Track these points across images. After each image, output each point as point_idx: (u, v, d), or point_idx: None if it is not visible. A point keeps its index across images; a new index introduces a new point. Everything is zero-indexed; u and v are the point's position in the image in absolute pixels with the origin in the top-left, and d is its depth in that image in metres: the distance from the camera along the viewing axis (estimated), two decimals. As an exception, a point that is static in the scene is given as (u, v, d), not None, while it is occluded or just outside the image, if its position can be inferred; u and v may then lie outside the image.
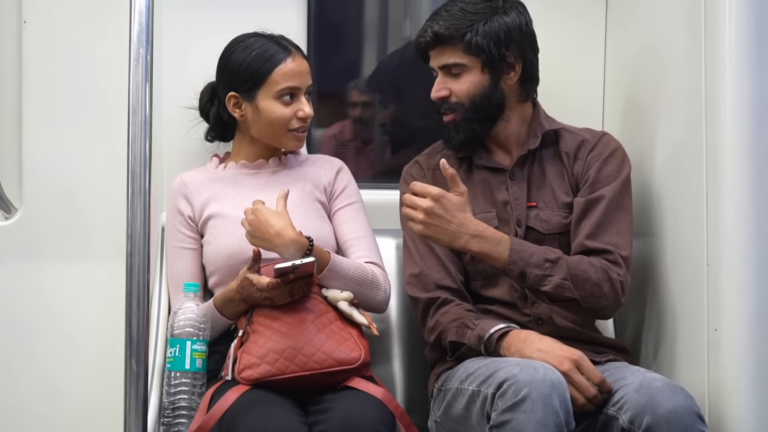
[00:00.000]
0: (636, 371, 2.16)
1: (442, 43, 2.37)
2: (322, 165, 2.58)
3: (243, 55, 2.45)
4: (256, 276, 2.23)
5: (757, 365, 2.10)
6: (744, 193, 2.11)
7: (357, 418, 2.08)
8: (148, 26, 2.04)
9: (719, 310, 2.13)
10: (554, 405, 1.96)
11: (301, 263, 2.16)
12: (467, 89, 2.37)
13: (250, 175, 2.53)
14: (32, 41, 2.60)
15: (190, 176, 2.53)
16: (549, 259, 2.25)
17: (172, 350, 2.23)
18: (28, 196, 2.62)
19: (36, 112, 2.62)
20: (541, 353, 2.13)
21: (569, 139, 2.45)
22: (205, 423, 2.14)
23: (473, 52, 2.35)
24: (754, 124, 2.11)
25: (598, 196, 2.35)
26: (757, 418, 2.09)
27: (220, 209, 2.46)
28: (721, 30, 2.14)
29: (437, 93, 2.40)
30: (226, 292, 2.33)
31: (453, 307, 2.34)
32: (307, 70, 2.47)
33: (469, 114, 2.38)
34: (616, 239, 2.32)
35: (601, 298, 2.26)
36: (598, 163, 2.39)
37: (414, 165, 2.53)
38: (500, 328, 2.21)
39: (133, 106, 2.04)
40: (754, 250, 2.10)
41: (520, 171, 2.42)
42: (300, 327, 2.24)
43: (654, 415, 1.98)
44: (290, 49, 2.46)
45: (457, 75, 2.38)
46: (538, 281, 2.24)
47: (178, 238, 2.48)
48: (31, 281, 2.63)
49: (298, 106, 2.44)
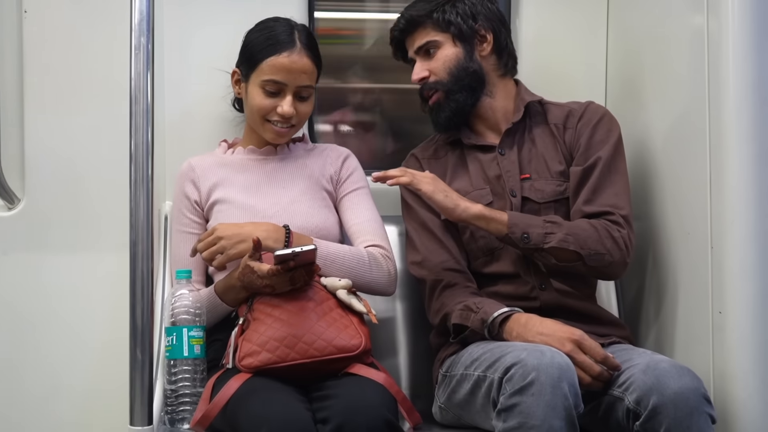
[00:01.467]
0: (642, 353, 2.16)
1: (413, 26, 2.47)
2: (329, 154, 2.57)
3: (255, 35, 2.45)
4: (257, 263, 2.22)
5: (762, 347, 2.10)
6: (748, 176, 2.10)
7: (360, 403, 2.07)
8: (149, 14, 2.04)
9: (723, 293, 2.13)
10: (563, 388, 1.96)
11: (301, 250, 2.16)
12: (443, 63, 2.45)
13: (258, 161, 2.52)
14: (33, 31, 2.60)
15: (198, 160, 2.52)
16: (549, 220, 2.29)
17: (170, 339, 2.23)
18: (30, 187, 2.62)
19: (37, 102, 2.61)
20: (543, 336, 2.14)
21: (556, 111, 2.50)
22: (208, 412, 2.15)
23: (442, 28, 2.45)
24: (758, 105, 2.11)
25: (593, 162, 2.38)
26: (762, 400, 2.09)
27: (226, 194, 2.46)
28: (723, 10, 2.13)
29: (417, 75, 2.48)
30: (227, 279, 2.33)
31: (458, 289, 2.35)
32: (302, 70, 2.41)
33: (450, 86, 2.44)
34: (614, 200, 2.34)
35: (606, 255, 2.28)
36: (589, 129, 2.43)
37: (410, 158, 2.57)
38: (503, 312, 2.22)
39: (135, 94, 2.04)
40: (759, 233, 2.10)
41: (509, 145, 2.46)
42: (301, 314, 2.24)
43: (660, 396, 1.98)
44: (296, 43, 2.42)
45: (432, 54, 2.46)
46: (540, 239, 2.26)
47: (183, 222, 2.48)
48: (34, 271, 2.63)
49: (280, 102, 2.42)
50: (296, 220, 2.40)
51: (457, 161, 2.50)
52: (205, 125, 2.70)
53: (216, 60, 2.61)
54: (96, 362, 2.63)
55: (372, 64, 3.10)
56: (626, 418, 2.04)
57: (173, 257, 2.48)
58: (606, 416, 2.11)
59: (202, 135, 2.66)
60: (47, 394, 2.61)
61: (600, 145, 2.40)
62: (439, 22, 2.44)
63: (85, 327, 2.63)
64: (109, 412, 2.54)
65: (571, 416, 1.97)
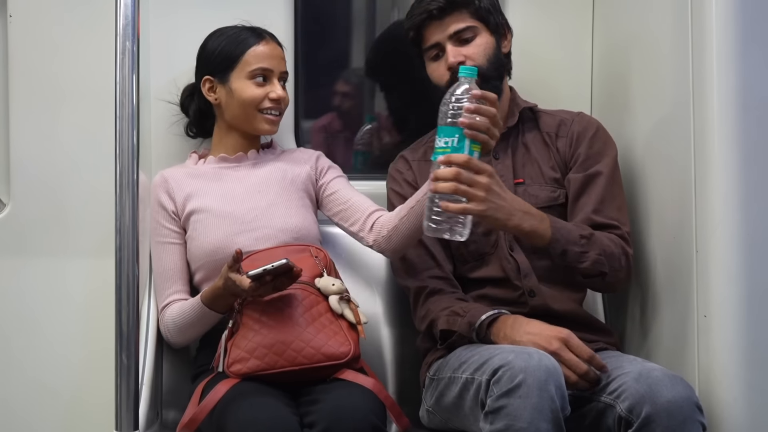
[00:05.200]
0: (633, 360, 2.16)
1: (452, 9, 2.38)
2: (300, 155, 2.59)
3: (217, 41, 2.50)
4: (238, 277, 2.21)
5: (747, 351, 2.10)
6: (732, 179, 2.11)
7: (347, 408, 2.08)
8: (134, 19, 2.04)
9: (708, 297, 2.13)
10: (550, 390, 1.96)
11: (272, 267, 2.16)
12: (483, 50, 2.40)
13: (231, 168, 2.52)
14: (18, 35, 2.59)
15: (171, 172, 2.52)
16: (583, 235, 2.26)
17: (449, 140, 2.07)
18: (16, 192, 2.61)
19: (23, 107, 2.61)
20: (530, 335, 2.14)
21: (548, 120, 2.49)
22: (195, 416, 2.15)
23: (480, 16, 2.40)
24: (741, 110, 2.11)
25: (595, 172, 2.38)
26: (747, 403, 2.10)
27: (202, 204, 2.45)
28: (707, 16, 2.14)
29: (455, 58, 2.37)
30: (213, 290, 2.31)
31: (443, 295, 2.35)
32: (280, 56, 2.50)
33: (488, 72, 2.37)
34: (617, 214, 2.35)
35: (620, 272, 2.30)
36: (586, 140, 2.42)
37: (399, 160, 2.54)
38: (490, 315, 2.22)
39: (120, 99, 2.03)
40: (743, 237, 2.11)
41: (503, 150, 2.45)
42: (289, 321, 2.24)
43: (653, 405, 1.98)
44: (263, 35, 2.50)
45: (469, 39, 2.39)
46: (576, 258, 2.25)
47: (162, 234, 2.47)
48: (20, 277, 2.62)
49: (271, 88, 2.46)
50: (275, 223, 2.40)
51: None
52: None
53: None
54: (81, 367, 2.62)
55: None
56: (617, 426, 2.04)
57: (156, 269, 2.47)
58: (596, 423, 2.11)
59: (187, 140, 2.66)
60: (32, 399, 2.60)
61: (599, 156, 2.40)
62: (479, 9, 2.39)
63: (70, 332, 2.62)
64: (95, 418, 2.53)
65: (558, 419, 1.97)
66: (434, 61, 2.43)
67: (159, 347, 2.45)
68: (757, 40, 2.12)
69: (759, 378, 2.09)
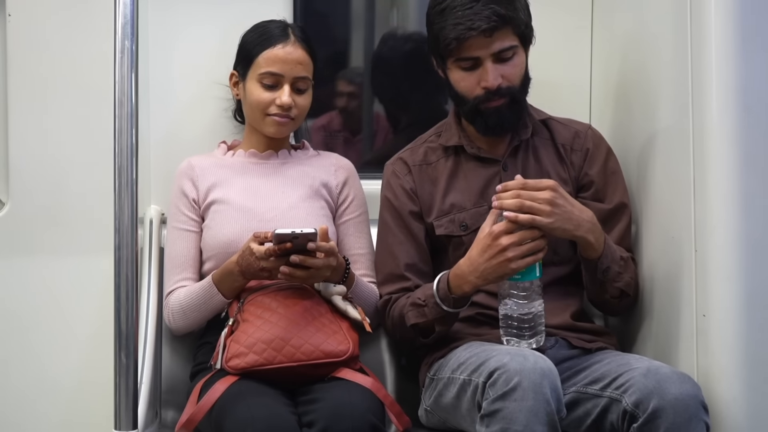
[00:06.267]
0: (639, 358, 2.17)
1: (503, 25, 2.25)
2: (332, 164, 2.56)
3: (250, 35, 2.48)
4: (256, 245, 2.22)
5: (746, 350, 2.10)
6: (731, 180, 2.11)
7: (346, 407, 2.08)
8: (133, 17, 2.04)
9: (707, 296, 2.14)
10: (545, 393, 1.96)
11: (301, 232, 2.16)
12: (519, 72, 2.33)
13: (259, 165, 2.52)
14: (17, 34, 2.59)
15: (198, 160, 2.52)
16: (623, 257, 2.31)
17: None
18: (15, 191, 2.61)
19: (22, 106, 2.60)
20: (470, 261, 2.17)
21: (562, 131, 2.46)
22: (194, 415, 2.15)
23: (521, 34, 2.31)
24: (741, 110, 2.11)
25: (618, 206, 2.40)
26: (746, 403, 2.10)
27: (224, 195, 2.46)
28: (706, 17, 2.14)
29: (496, 81, 2.28)
30: (225, 265, 2.32)
31: (398, 299, 2.36)
32: (298, 61, 2.44)
33: (517, 94, 2.34)
34: (628, 244, 2.40)
35: (634, 298, 2.38)
36: (599, 163, 2.42)
37: (397, 161, 2.48)
38: (438, 280, 2.24)
39: (119, 97, 2.04)
40: (742, 236, 2.11)
41: (512, 162, 2.41)
42: (290, 318, 2.25)
43: (661, 400, 1.98)
44: (290, 36, 2.45)
45: (508, 59, 2.30)
46: (614, 277, 2.28)
47: (180, 220, 2.47)
48: (19, 275, 2.62)
49: (278, 94, 2.43)
50: (293, 227, 2.39)
51: (453, 170, 2.42)
52: (190, 128, 2.70)
53: (201, 63, 2.61)
54: (82, 366, 2.62)
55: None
56: (621, 421, 2.04)
57: (169, 254, 2.47)
58: (599, 418, 2.11)
59: (186, 138, 2.66)
60: (33, 397, 2.61)
61: (614, 177, 2.42)
62: (520, 25, 2.27)
63: (71, 331, 2.62)
64: (96, 416, 2.54)
65: (554, 421, 1.97)
66: (466, 71, 2.31)
67: (158, 346, 2.45)
68: (756, 40, 2.12)
69: (758, 377, 2.09)
